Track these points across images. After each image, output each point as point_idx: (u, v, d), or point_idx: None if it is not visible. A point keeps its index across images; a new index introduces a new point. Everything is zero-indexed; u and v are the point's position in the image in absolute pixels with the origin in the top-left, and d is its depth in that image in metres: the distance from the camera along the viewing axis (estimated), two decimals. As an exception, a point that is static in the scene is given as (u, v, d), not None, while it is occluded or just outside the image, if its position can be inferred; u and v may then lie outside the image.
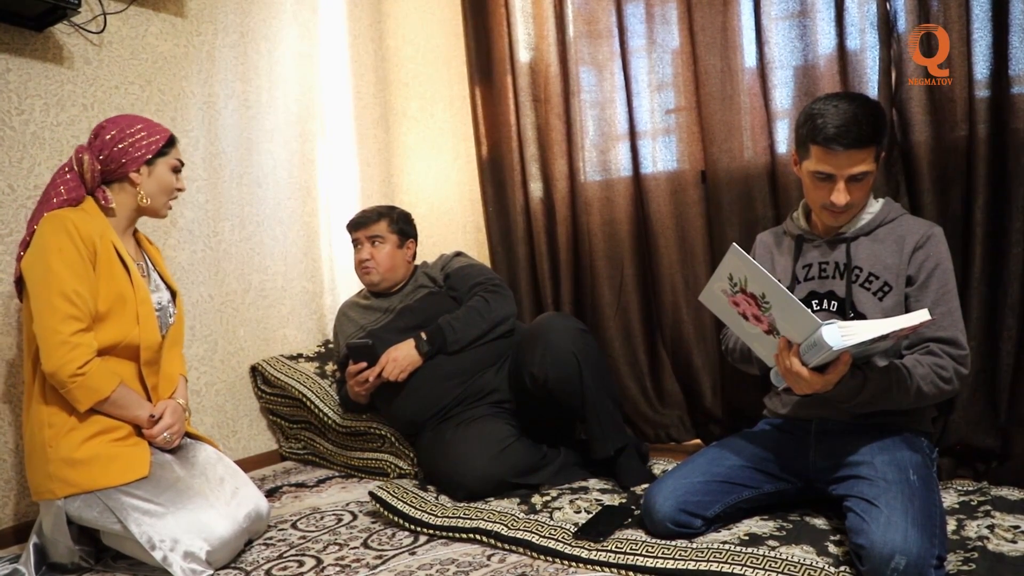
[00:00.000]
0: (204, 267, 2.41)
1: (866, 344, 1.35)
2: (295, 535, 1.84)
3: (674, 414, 2.41)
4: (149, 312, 1.76)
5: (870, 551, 1.28)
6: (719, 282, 1.47)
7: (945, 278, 1.58)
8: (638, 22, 2.43)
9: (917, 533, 1.27)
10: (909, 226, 1.64)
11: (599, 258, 2.51)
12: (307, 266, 2.77)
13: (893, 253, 1.61)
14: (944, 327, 1.54)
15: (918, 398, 1.50)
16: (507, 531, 1.68)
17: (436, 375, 2.13)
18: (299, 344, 2.70)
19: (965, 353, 1.53)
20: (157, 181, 1.79)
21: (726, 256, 1.43)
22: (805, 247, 1.73)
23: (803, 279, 1.71)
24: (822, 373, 1.40)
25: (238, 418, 2.50)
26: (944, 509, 1.46)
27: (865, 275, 1.62)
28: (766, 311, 1.40)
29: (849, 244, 1.65)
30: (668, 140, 2.42)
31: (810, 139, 1.57)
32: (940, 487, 1.78)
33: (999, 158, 1.85)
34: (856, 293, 1.62)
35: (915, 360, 1.52)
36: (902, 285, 1.59)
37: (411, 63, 3.07)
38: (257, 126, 2.60)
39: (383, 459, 2.28)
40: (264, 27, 2.64)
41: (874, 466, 1.45)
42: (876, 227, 1.65)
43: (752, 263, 1.37)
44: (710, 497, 1.59)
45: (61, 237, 1.62)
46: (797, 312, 1.35)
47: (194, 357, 2.37)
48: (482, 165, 2.80)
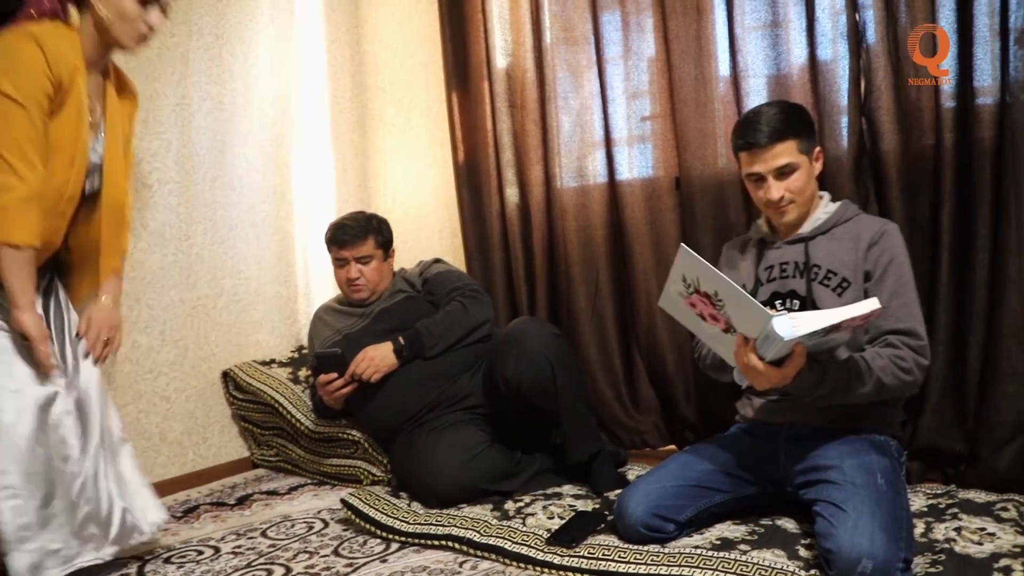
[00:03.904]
0: (175, 271, 2.38)
1: (819, 335, 1.37)
2: (264, 543, 1.81)
3: (649, 420, 2.42)
4: (82, 162, 1.62)
5: (838, 555, 1.30)
6: (674, 285, 1.50)
7: (900, 271, 1.62)
8: (614, 30, 2.45)
9: (883, 537, 1.29)
10: (864, 224, 1.70)
11: (574, 264, 2.52)
12: (281, 271, 2.74)
13: (849, 250, 1.66)
14: (901, 319, 1.58)
15: (880, 390, 1.53)
16: (479, 537, 1.67)
17: (411, 379, 2.11)
18: (272, 349, 2.67)
19: (924, 343, 1.57)
20: (116, 5, 1.60)
21: (677, 257, 1.46)
22: (767, 250, 1.78)
23: (766, 280, 1.75)
24: (780, 367, 1.43)
25: (209, 425, 2.47)
26: (911, 512, 1.48)
27: (824, 272, 1.67)
28: (721, 309, 1.43)
29: (807, 244, 1.71)
30: (643, 147, 2.43)
31: (736, 148, 1.73)
32: (909, 490, 1.81)
33: (965, 167, 1.88)
34: (816, 290, 1.67)
35: (874, 352, 1.55)
36: (860, 280, 1.63)
37: (388, 68, 3.07)
38: (231, 129, 2.58)
39: (356, 466, 2.26)
40: (240, 30, 2.62)
41: (843, 470, 1.46)
42: (832, 226, 1.71)
43: (702, 262, 1.40)
44: (683, 501, 1.60)
45: (28, 51, 1.49)
46: (749, 307, 1.37)
47: (164, 362, 2.33)
48: (458, 170, 2.80)
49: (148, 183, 2.31)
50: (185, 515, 2.08)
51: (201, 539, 1.88)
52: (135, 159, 1.86)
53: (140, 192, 2.28)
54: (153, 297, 2.31)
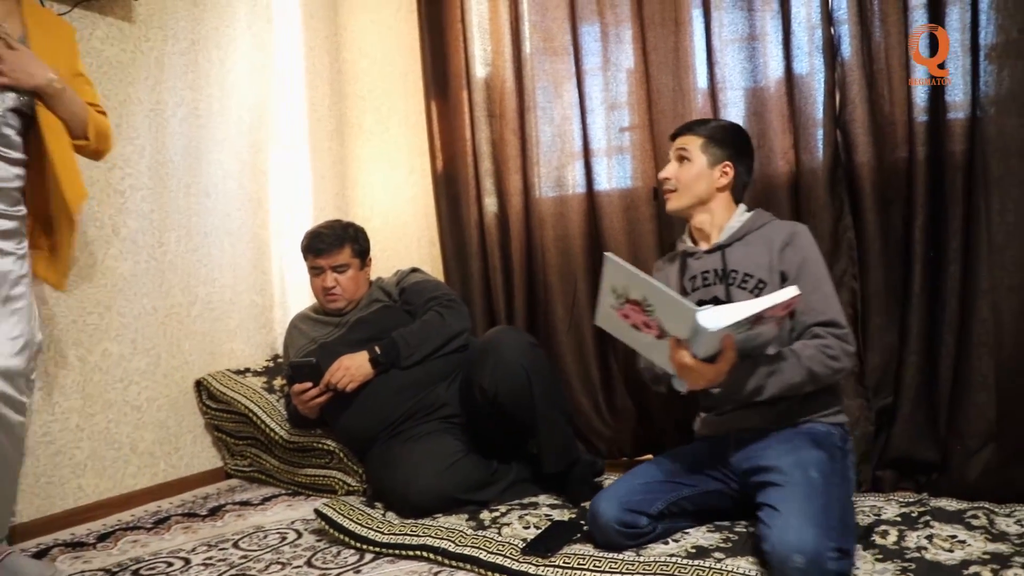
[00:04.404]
0: (148, 278, 2.35)
1: (745, 326, 1.44)
2: (236, 555, 1.78)
3: (626, 429, 2.42)
4: None
5: (771, 555, 1.35)
6: (606, 298, 1.53)
7: (814, 268, 1.70)
8: (593, 41, 2.46)
9: (812, 530, 1.33)
10: (776, 228, 1.78)
11: (552, 274, 2.52)
12: (257, 279, 2.71)
13: (763, 253, 1.74)
14: (822, 311, 1.66)
15: (812, 379, 1.60)
16: (454, 548, 1.66)
17: (387, 389, 2.09)
18: (247, 358, 2.64)
19: (846, 331, 1.65)
20: None
21: (604, 269, 1.49)
22: (689, 261, 1.86)
23: (691, 290, 1.83)
24: (714, 364, 1.49)
25: (181, 434, 2.43)
26: (849, 500, 1.53)
27: (741, 276, 1.74)
28: (652, 314, 1.46)
29: (724, 251, 1.79)
30: (621, 157, 2.45)
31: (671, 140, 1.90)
32: (882, 498, 1.83)
33: (937, 179, 1.91)
34: (735, 294, 1.73)
35: (802, 344, 1.64)
36: (776, 281, 1.71)
37: (367, 76, 3.06)
38: (207, 135, 2.55)
39: (331, 476, 2.23)
40: (216, 35, 2.60)
41: (781, 470, 1.51)
42: (746, 233, 1.79)
43: (627, 268, 1.44)
44: (652, 495, 1.64)
45: None
46: (675, 305, 1.42)
47: (136, 371, 2.29)
48: (437, 179, 2.79)
49: (120, 189, 2.27)
50: (155, 526, 2.04)
51: (171, 550, 1.84)
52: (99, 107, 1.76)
53: (112, 198, 2.25)
54: (125, 304, 2.27)
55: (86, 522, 2.09)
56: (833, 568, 1.32)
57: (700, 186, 1.81)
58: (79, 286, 2.15)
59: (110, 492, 2.20)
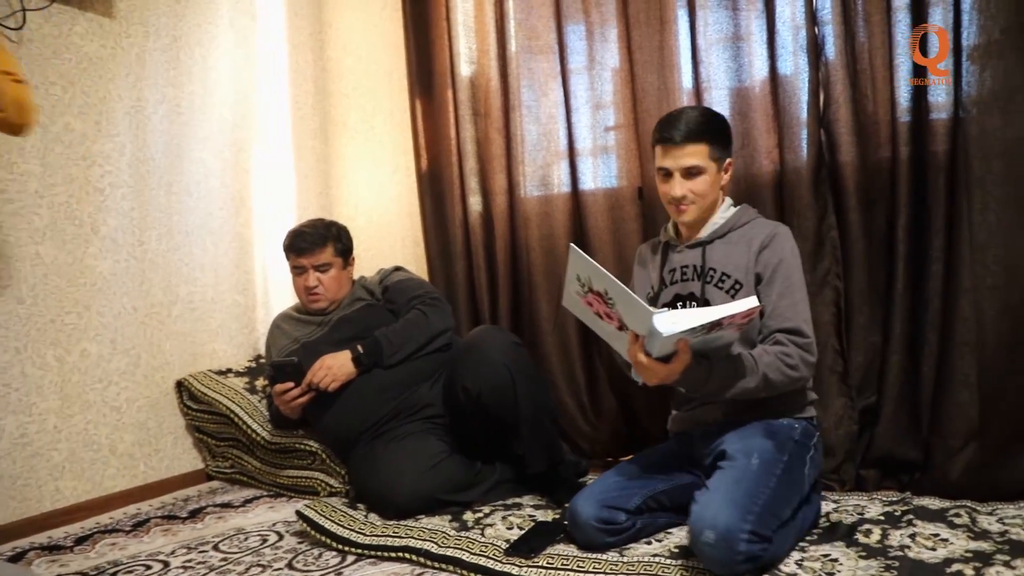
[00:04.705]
0: (127, 277, 2.31)
1: (700, 332, 1.43)
2: (216, 557, 1.76)
3: (611, 430, 2.41)
4: None
5: (690, 529, 1.41)
6: (571, 284, 1.55)
7: (788, 272, 1.68)
8: (578, 39, 2.45)
9: (729, 510, 1.37)
10: (758, 228, 1.75)
11: (537, 273, 2.51)
12: (239, 279, 2.69)
13: (742, 254, 1.72)
14: (788, 318, 1.64)
15: (767, 385, 1.59)
16: (437, 549, 1.64)
17: (369, 389, 2.07)
18: (229, 359, 2.61)
19: (809, 341, 1.63)
20: None
21: (569, 257, 1.51)
22: (671, 253, 1.84)
23: (669, 283, 1.82)
24: (667, 363, 1.48)
25: (161, 436, 2.40)
26: (789, 492, 1.51)
27: (718, 275, 1.73)
28: (613, 307, 1.47)
29: (705, 247, 1.77)
30: (606, 157, 2.44)
31: (653, 141, 1.78)
32: (866, 497, 1.83)
33: (920, 179, 1.92)
34: (710, 292, 1.73)
35: (762, 349, 1.62)
36: (752, 283, 1.69)
37: (352, 74, 3.04)
38: (189, 133, 2.52)
39: (313, 477, 2.21)
40: (198, 32, 2.57)
41: (730, 455, 1.56)
42: (729, 230, 1.77)
43: (589, 261, 1.45)
44: (628, 491, 1.66)
45: None
46: (633, 303, 1.42)
47: (115, 372, 2.26)
48: (421, 178, 2.78)
49: (100, 187, 2.24)
50: (134, 529, 2.01)
51: (150, 553, 1.81)
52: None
53: (91, 196, 2.22)
54: (104, 304, 2.24)
55: (63, 525, 2.06)
56: (743, 550, 1.34)
57: (713, 191, 1.76)
58: (57, 285, 2.12)
59: (88, 494, 2.17)
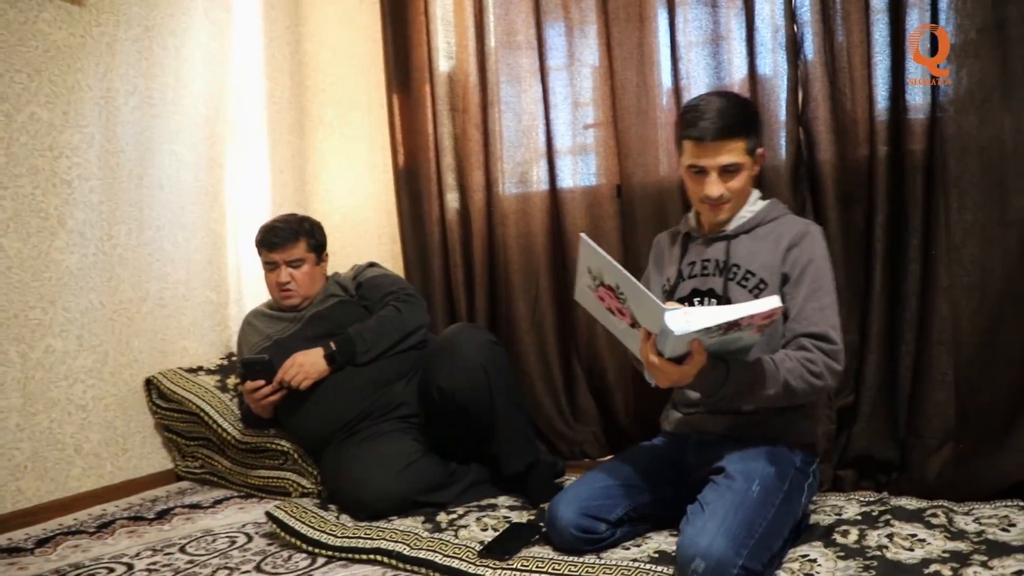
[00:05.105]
0: (95, 272, 2.26)
1: (716, 333, 1.33)
2: (182, 560, 1.71)
3: (588, 430, 2.39)
4: None
5: (678, 551, 1.33)
6: (582, 277, 1.47)
7: (818, 274, 1.58)
8: (558, 36, 2.43)
9: (724, 541, 1.28)
10: (788, 225, 1.65)
11: (515, 271, 2.48)
12: (211, 275, 2.63)
13: (770, 251, 1.62)
14: (815, 322, 1.53)
15: (788, 394, 1.47)
16: (409, 551, 1.61)
17: (342, 387, 2.03)
18: (200, 357, 2.56)
19: (837, 348, 1.52)
20: None
21: (580, 248, 1.43)
22: (691, 245, 1.75)
23: (687, 276, 1.71)
24: (681, 365, 1.38)
25: (129, 435, 2.34)
26: (784, 526, 1.44)
27: (742, 272, 1.63)
28: (624, 302, 1.39)
29: (729, 242, 1.67)
30: (585, 154, 2.42)
31: (683, 135, 1.63)
32: (843, 498, 1.82)
33: (897, 178, 1.92)
34: (732, 290, 1.63)
35: (784, 354, 1.50)
36: (777, 283, 1.59)
37: (329, 68, 2.99)
38: (161, 125, 2.47)
39: (285, 477, 2.17)
40: (172, 22, 2.51)
41: (727, 473, 1.45)
42: (756, 226, 1.66)
43: (601, 254, 1.37)
44: (612, 501, 1.58)
45: None
46: (646, 300, 1.34)
47: (81, 369, 2.20)
48: (398, 174, 2.74)
49: (67, 179, 2.18)
50: (98, 530, 1.95)
51: (113, 556, 1.76)
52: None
53: (58, 188, 2.16)
54: (70, 299, 2.18)
55: (25, 527, 2.00)
56: None
57: (749, 186, 1.67)
58: (21, 279, 2.06)
59: (52, 495, 2.11)
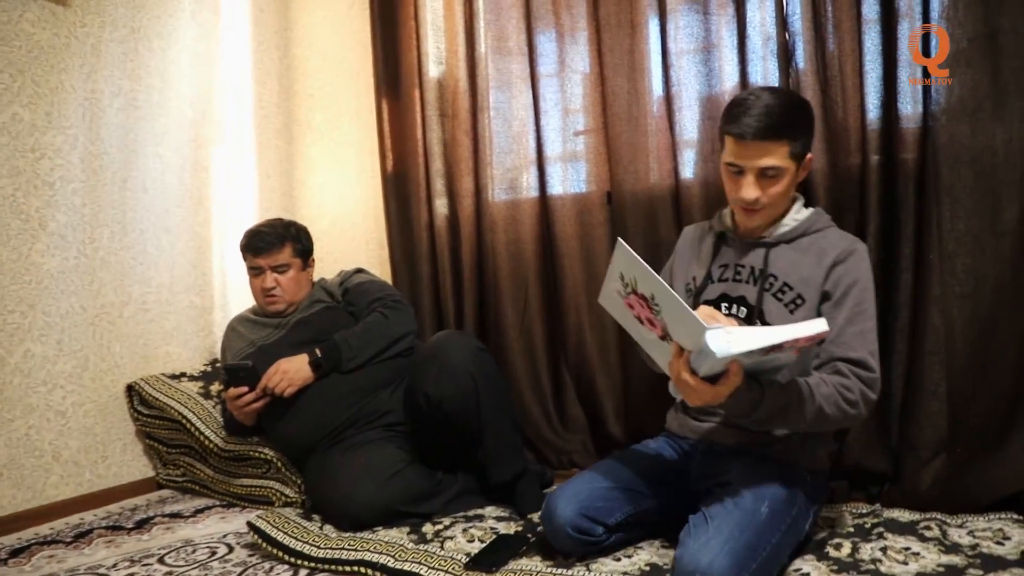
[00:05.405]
0: (76, 276, 2.21)
1: (757, 354, 1.26)
2: (160, 571, 1.67)
3: (577, 439, 2.36)
4: None
5: (677, 564, 1.29)
6: (612, 282, 1.39)
7: (861, 297, 1.49)
8: (548, 42, 2.42)
9: (727, 561, 1.25)
10: (832, 240, 1.55)
11: (503, 278, 2.45)
12: (196, 279, 2.59)
13: (811, 266, 1.52)
14: (854, 347, 1.44)
15: (820, 420, 1.39)
16: (394, 563, 1.57)
17: (327, 394, 2.00)
18: (183, 362, 2.51)
19: (875, 376, 1.44)
20: None
21: (614, 252, 1.36)
22: (724, 246, 1.65)
23: (717, 279, 1.62)
24: (714, 384, 1.30)
25: (110, 442, 2.29)
26: (786, 551, 1.41)
27: (779, 284, 1.53)
28: (658, 314, 1.32)
29: (768, 250, 1.57)
30: (575, 161, 2.40)
31: (725, 129, 1.52)
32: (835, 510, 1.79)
33: (889, 187, 1.91)
34: (767, 302, 1.54)
35: (820, 379, 1.42)
36: (815, 300, 1.50)
37: (318, 73, 2.97)
38: (146, 128, 2.43)
39: (268, 486, 2.13)
40: (158, 24, 2.48)
41: (734, 488, 1.41)
42: (799, 236, 1.57)
43: (639, 262, 1.29)
44: (612, 504, 1.54)
45: None
46: (685, 316, 1.25)
47: (61, 374, 2.16)
48: (386, 180, 2.71)
49: (49, 180, 2.14)
50: (75, 540, 1.91)
51: (89, 567, 1.71)
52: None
53: (40, 190, 2.12)
54: (50, 303, 2.14)
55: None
56: None
57: (789, 193, 1.55)
58: (0, 283, 2.01)
59: (28, 503, 2.05)
